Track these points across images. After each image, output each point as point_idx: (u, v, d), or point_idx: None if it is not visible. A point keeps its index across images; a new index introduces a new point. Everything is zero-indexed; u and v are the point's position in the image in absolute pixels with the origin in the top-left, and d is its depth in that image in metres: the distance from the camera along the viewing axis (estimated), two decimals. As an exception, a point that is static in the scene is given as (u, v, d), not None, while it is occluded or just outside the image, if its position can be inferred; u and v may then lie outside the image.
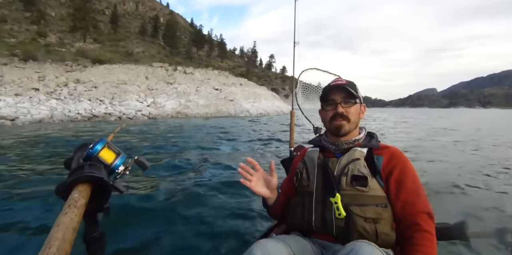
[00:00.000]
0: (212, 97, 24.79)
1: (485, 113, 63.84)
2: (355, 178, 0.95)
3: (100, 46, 43.51)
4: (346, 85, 1.03)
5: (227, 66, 71.50)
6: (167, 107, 21.20)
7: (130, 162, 0.77)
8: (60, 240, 0.42)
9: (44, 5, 52.51)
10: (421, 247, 0.84)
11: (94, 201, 0.62)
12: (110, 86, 22.05)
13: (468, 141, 8.17)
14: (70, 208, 0.51)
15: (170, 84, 24.91)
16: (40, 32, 38.42)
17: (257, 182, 1.05)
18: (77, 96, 19.16)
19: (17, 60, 26.16)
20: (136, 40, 55.81)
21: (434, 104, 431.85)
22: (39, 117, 14.77)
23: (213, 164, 4.56)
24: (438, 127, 13.96)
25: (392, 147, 1.05)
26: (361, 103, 1.08)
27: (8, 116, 13.88)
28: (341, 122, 1.03)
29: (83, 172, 0.61)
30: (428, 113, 55.08)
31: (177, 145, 7.00)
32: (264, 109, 26.14)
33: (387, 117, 25.97)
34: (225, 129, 12.28)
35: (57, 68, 26.22)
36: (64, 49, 35.89)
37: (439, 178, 3.73)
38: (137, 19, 76.27)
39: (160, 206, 2.62)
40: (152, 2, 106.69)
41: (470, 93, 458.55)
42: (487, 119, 24.80)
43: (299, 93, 2.34)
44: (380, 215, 0.91)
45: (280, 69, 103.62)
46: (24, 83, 21.00)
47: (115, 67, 26.09)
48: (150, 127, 12.50)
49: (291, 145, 2.23)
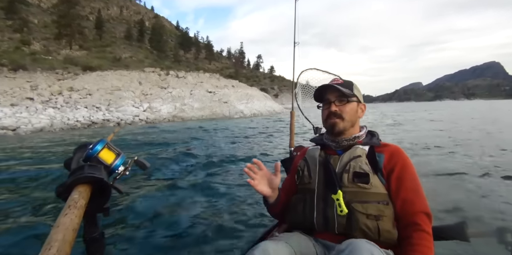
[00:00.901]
0: (207, 100, 25.34)
1: (469, 104, 64.99)
2: (357, 175, 0.96)
3: (87, 52, 43.08)
4: (340, 85, 1.08)
5: (215, 68, 71.64)
6: (163, 112, 21.62)
7: (130, 162, 0.77)
8: (60, 241, 0.42)
9: (26, 13, 51.31)
10: (419, 247, 0.85)
11: (94, 201, 0.62)
12: (105, 93, 22.27)
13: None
14: (70, 209, 0.51)
15: (164, 89, 25.31)
16: (23, 40, 37.69)
17: (260, 181, 1.08)
18: (73, 104, 19.34)
19: (6, 70, 26.03)
20: (123, 45, 55.37)
21: (420, 98, 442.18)
22: (40, 126, 15.00)
23: (214, 165, 4.62)
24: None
25: (393, 145, 1.06)
26: (359, 102, 1.11)
27: (10, 127, 14.09)
28: (334, 121, 1.06)
29: (83, 172, 0.62)
30: (412, 107, 55.51)
31: (177, 146, 7.18)
32: (257, 109, 26.87)
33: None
34: (226, 130, 12.84)
35: (48, 76, 26.13)
36: (51, 57, 35.50)
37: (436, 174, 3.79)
38: (122, 24, 75.44)
39: (161, 205, 2.63)
40: (136, 6, 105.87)
41: (454, 85, 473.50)
42: (471, 112, 24.63)
43: (299, 94, 2.33)
44: (382, 212, 0.92)
45: (268, 69, 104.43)
46: (17, 93, 20.98)
47: (108, 74, 26.25)
48: (148, 130, 12.99)
49: (291, 145, 2.22)
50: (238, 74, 69.34)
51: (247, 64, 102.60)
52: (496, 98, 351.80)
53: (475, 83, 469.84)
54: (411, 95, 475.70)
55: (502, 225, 1.66)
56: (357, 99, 1.09)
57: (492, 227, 1.15)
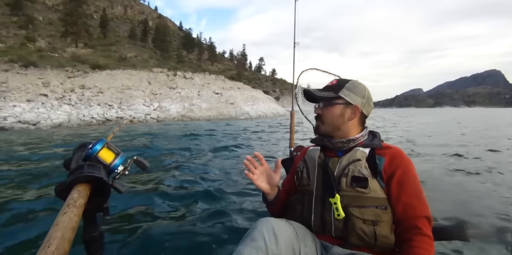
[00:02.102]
0: (214, 101, 26.09)
1: (469, 112, 64.81)
2: (355, 179, 0.95)
3: (93, 51, 43.54)
4: (330, 87, 1.07)
5: (218, 70, 72.28)
6: (172, 111, 22.30)
7: (129, 162, 0.77)
8: (59, 239, 0.42)
9: (31, 10, 51.76)
10: (420, 249, 0.85)
11: (94, 201, 0.63)
12: (116, 92, 22.92)
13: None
14: (69, 207, 0.51)
15: (173, 89, 26.02)
16: (28, 37, 38.14)
17: (260, 176, 1.10)
18: (86, 102, 19.97)
19: (17, 66, 26.57)
20: (127, 44, 55.94)
21: (421, 104, 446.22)
22: (58, 121, 15.62)
23: (215, 163, 4.62)
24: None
25: (394, 147, 1.03)
26: (349, 104, 1.04)
27: (31, 121, 14.71)
28: (317, 123, 1.08)
29: (82, 172, 0.62)
30: (409, 113, 55.48)
31: (187, 145, 7.21)
32: (263, 111, 27.64)
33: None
34: (232, 131, 13.26)
35: (58, 74, 26.64)
36: (57, 54, 36.05)
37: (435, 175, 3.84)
38: (126, 23, 76.09)
39: (161, 205, 2.62)
40: (140, 6, 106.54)
41: (455, 93, 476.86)
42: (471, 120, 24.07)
43: (299, 94, 2.30)
44: (380, 217, 0.91)
45: (270, 72, 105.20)
46: (30, 89, 21.56)
47: (117, 73, 26.88)
48: (155, 128, 13.65)
49: (291, 145, 2.19)
50: (241, 76, 69.91)
51: (249, 66, 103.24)
52: (496, 106, 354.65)
53: (476, 91, 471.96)
54: (411, 101, 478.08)
55: (502, 225, 1.63)
56: (344, 102, 1.04)
57: (492, 227, 1.12)
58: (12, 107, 16.49)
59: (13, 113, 15.06)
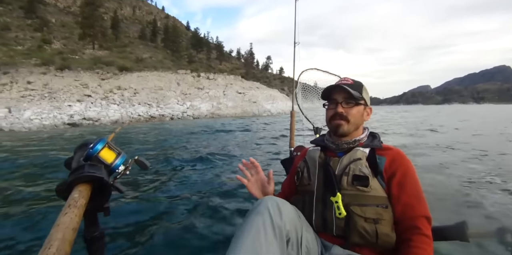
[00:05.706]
0: (238, 99, 28.28)
1: (479, 108, 61.95)
2: (356, 178, 0.96)
3: (109, 52, 44.73)
4: (350, 86, 1.05)
5: (226, 69, 73.00)
6: (202, 109, 24.43)
7: (130, 161, 0.78)
8: (60, 240, 0.42)
9: (44, 12, 52.56)
10: (419, 249, 0.86)
11: (94, 201, 0.63)
12: (150, 92, 25.00)
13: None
14: (70, 208, 0.51)
15: (200, 90, 28.19)
16: (44, 39, 39.04)
17: (254, 183, 1.12)
18: (128, 101, 22.07)
19: (53, 69, 28.45)
20: (140, 45, 57.30)
21: (429, 101, 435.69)
22: (115, 118, 17.75)
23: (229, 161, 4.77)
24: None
25: (395, 148, 1.04)
26: (366, 105, 1.09)
27: (94, 118, 16.84)
28: (339, 122, 1.05)
29: (83, 171, 0.62)
30: (416, 110, 53.87)
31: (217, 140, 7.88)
32: (281, 109, 29.84)
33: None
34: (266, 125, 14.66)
35: (91, 76, 28.52)
36: (77, 56, 37.57)
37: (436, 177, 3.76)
38: (135, 24, 77.44)
39: (162, 204, 2.62)
40: (148, 6, 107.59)
41: (463, 89, 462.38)
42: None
43: (299, 94, 2.33)
44: (381, 216, 0.92)
45: (278, 70, 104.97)
46: (73, 90, 23.55)
47: (147, 75, 28.94)
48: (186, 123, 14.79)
49: (291, 145, 2.22)
50: (249, 75, 70.71)
51: (256, 65, 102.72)
52: (506, 102, 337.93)
53: (485, 87, 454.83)
54: (419, 98, 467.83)
55: (502, 225, 1.64)
56: (364, 103, 1.08)
57: (492, 227, 1.11)
58: (68, 107, 18.48)
59: (76, 112, 17.13)
